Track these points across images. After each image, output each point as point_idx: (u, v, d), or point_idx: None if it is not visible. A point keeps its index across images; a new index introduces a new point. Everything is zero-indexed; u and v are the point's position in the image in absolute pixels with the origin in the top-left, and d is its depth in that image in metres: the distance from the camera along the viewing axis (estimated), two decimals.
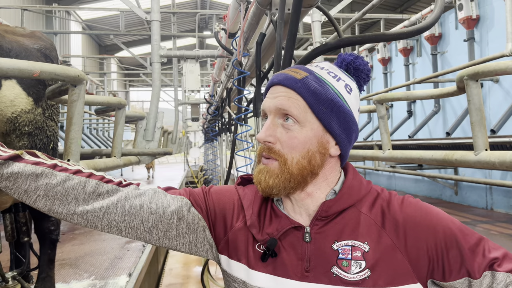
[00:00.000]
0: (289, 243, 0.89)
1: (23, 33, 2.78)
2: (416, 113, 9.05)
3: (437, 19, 1.28)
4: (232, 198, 0.99)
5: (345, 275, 0.84)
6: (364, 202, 0.90)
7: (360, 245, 0.85)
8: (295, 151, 0.86)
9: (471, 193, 7.42)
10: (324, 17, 3.93)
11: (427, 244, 0.85)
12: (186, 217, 0.95)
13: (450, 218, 0.89)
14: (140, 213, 0.92)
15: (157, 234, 0.94)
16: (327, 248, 0.86)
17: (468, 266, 0.84)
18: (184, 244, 0.96)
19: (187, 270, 6.46)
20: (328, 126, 0.88)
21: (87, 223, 0.91)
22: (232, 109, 4.66)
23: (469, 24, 6.93)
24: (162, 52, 4.29)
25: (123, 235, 0.94)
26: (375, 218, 0.88)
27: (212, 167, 12.05)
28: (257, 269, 0.89)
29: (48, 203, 0.89)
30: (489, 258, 0.84)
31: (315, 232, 0.88)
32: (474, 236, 0.86)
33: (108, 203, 0.91)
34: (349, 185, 0.91)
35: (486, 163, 2.04)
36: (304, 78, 0.87)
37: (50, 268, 2.90)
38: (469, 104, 2.14)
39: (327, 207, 0.88)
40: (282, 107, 0.86)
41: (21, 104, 2.34)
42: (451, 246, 0.85)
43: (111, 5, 14.52)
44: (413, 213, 0.88)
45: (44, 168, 0.89)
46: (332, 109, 0.87)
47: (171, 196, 0.97)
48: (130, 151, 3.68)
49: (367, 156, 3.66)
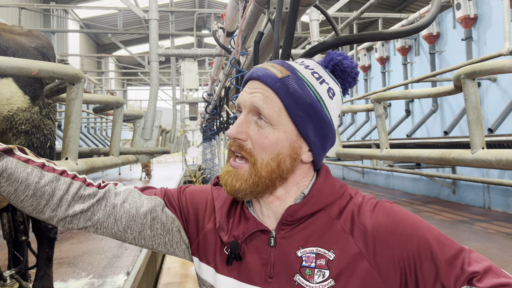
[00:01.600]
0: (255, 247, 0.85)
1: (20, 32, 2.78)
2: (414, 112, 9.06)
3: (433, 18, 1.29)
4: (206, 198, 0.97)
5: (307, 284, 0.79)
6: (334, 206, 0.84)
7: (325, 252, 0.80)
8: (265, 152, 0.81)
9: (469, 192, 7.45)
10: (322, 16, 3.94)
11: (399, 254, 0.78)
12: (160, 217, 0.94)
13: (428, 226, 0.81)
14: (114, 212, 0.91)
15: (132, 234, 0.93)
16: (291, 255, 0.81)
17: (444, 280, 0.75)
18: (160, 244, 0.95)
19: (185, 269, 6.45)
20: (303, 131, 0.82)
21: (65, 223, 0.91)
22: (230, 108, 4.66)
23: (467, 23, 6.95)
24: (160, 51, 4.29)
25: (100, 233, 0.93)
26: (344, 224, 0.82)
27: (210, 166, 12.06)
28: (223, 273, 0.87)
29: (34, 203, 0.88)
30: (468, 272, 0.74)
31: (281, 237, 0.83)
32: (453, 247, 0.78)
33: (88, 205, 0.91)
34: (318, 188, 0.85)
35: (483, 161, 2.05)
36: (285, 78, 0.82)
37: (48, 266, 2.90)
38: (466, 102, 2.15)
39: (292, 211, 0.83)
40: (257, 105, 0.81)
41: (17, 103, 2.33)
42: (425, 258, 0.77)
43: (109, 4, 14.49)
44: (385, 220, 0.81)
45: (34, 167, 0.88)
46: (309, 114, 0.82)
47: (146, 197, 0.95)
48: (128, 150, 3.68)
49: (364, 154, 3.67)
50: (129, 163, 3.62)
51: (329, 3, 9.16)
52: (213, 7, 17.11)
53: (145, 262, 4.62)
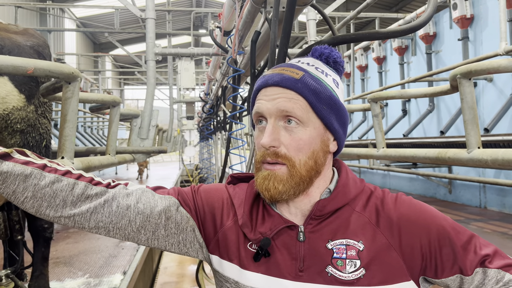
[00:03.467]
0: (283, 243, 0.87)
1: (16, 31, 2.76)
2: (411, 112, 9.09)
3: (429, 18, 1.29)
4: (221, 196, 0.97)
5: (340, 274, 0.83)
6: (358, 200, 0.90)
7: (354, 244, 0.85)
8: (301, 153, 0.85)
9: (465, 191, 7.48)
10: (319, 15, 3.94)
11: (421, 242, 0.85)
12: (175, 216, 0.93)
13: (443, 216, 0.90)
14: (127, 213, 0.90)
15: (146, 234, 0.92)
16: (321, 248, 0.85)
17: (461, 263, 0.84)
18: (173, 244, 0.94)
19: (182, 268, 6.45)
20: (329, 123, 0.87)
21: (74, 224, 0.90)
22: (227, 107, 4.65)
23: (463, 24, 6.97)
24: (156, 50, 4.28)
25: (111, 235, 0.92)
26: (370, 217, 0.88)
27: (207, 165, 12.05)
28: (250, 269, 0.88)
29: (36, 205, 0.87)
30: (481, 255, 0.85)
31: (309, 231, 0.87)
32: (466, 233, 0.87)
33: (95, 204, 0.89)
34: (343, 183, 0.90)
35: (479, 161, 2.05)
36: (302, 77, 0.85)
37: (44, 266, 2.89)
38: (462, 102, 2.16)
39: (322, 206, 0.87)
40: (285, 109, 0.84)
41: (13, 101, 2.32)
42: (444, 244, 0.85)
43: (105, 3, 14.44)
44: (407, 211, 0.88)
45: (34, 168, 0.87)
46: (331, 106, 0.87)
47: (159, 196, 0.95)
48: (125, 149, 3.67)
49: (361, 154, 3.67)
50: (125, 162, 3.61)
51: (326, 3, 9.17)
52: (210, 6, 17.07)
53: (142, 261, 4.61)
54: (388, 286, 0.83)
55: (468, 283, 0.85)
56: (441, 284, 0.89)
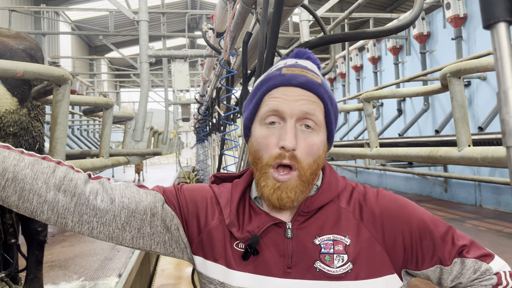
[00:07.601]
0: (271, 240, 0.87)
1: (8, 34, 2.76)
2: (406, 112, 9.12)
3: (416, 17, 1.31)
4: (205, 196, 0.96)
5: (328, 269, 0.84)
6: (341, 196, 0.91)
7: (341, 238, 0.86)
8: (310, 156, 0.85)
9: (460, 190, 7.51)
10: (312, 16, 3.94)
11: (403, 234, 0.88)
12: (160, 213, 0.91)
13: (422, 209, 0.93)
14: (112, 207, 0.87)
15: (131, 232, 0.89)
16: (309, 243, 0.85)
17: (440, 254, 0.88)
18: (159, 243, 0.92)
19: (179, 270, 6.43)
20: (331, 127, 0.89)
21: (57, 217, 0.84)
22: (222, 108, 4.66)
23: (457, 23, 7.01)
24: (150, 52, 4.29)
25: (95, 234, 0.88)
26: (354, 212, 0.89)
27: (203, 167, 12.04)
28: (237, 269, 0.86)
29: (18, 188, 0.81)
30: (458, 245, 0.88)
31: (297, 228, 0.87)
32: (444, 225, 0.90)
33: (80, 192, 0.85)
34: (328, 181, 0.92)
35: (469, 158, 2.07)
36: (323, 83, 0.88)
37: (38, 269, 2.88)
38: (452, 101, 2.17)
39: (309, 203, 0.88)
40: (310, 111, 0.84)
41: (5, 105, 2.32)
42: (424, 236, 0.88)
43: (100, 6, 14.42)
44: (389, 205, 0.91)
45: (12, 151, 0.84)
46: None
47: (144, 191, 0.93)
48: (119, 152, 3.67)
49: (355, 154, 3.69)
50: (119, 164, 3.61)
51: (320, 3, 9.20)
52: (205, 8, 17.06)
53: (138, 264, 4.60)
54: (374, 279, 0.84)
55: (447, 273, 0.88)
56: (422, 276, 0.91)
